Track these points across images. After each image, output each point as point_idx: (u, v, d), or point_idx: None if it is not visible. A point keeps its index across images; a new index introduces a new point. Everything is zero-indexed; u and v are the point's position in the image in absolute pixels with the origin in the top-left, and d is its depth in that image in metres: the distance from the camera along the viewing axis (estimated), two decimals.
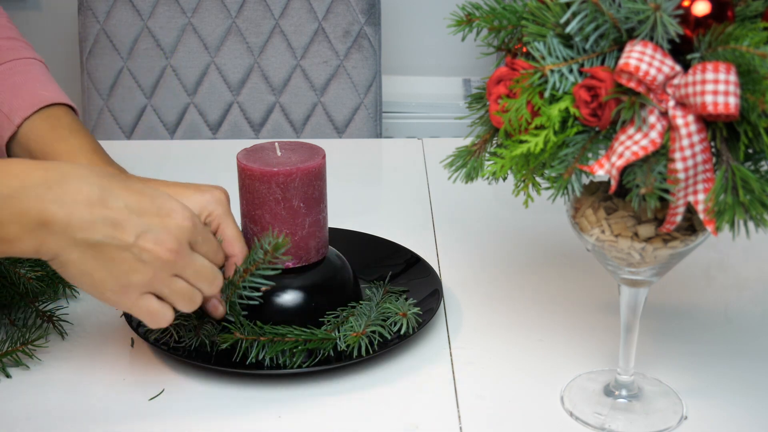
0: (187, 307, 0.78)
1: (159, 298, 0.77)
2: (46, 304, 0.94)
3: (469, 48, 2.10)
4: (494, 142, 0.73)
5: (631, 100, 0.64)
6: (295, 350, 0.84)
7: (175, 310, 0.79)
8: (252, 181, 0.89)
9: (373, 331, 0.86)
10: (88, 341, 0.91)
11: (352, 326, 0.87)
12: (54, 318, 0.92)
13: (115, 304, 0.75)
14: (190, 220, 0.76)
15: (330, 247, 0.95)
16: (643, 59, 0.63)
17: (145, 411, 0.81)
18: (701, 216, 0.65)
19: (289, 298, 0.90)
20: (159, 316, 0.77)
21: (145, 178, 0.94)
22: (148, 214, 0.74)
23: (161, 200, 0.75)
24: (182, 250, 0.75)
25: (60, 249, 0.71)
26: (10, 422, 0.80)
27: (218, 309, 0.84)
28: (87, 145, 0.99)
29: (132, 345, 0.90)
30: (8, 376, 0.85)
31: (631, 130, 0.65)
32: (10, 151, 1.01)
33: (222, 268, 0.84)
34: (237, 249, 0.86)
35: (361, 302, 0.92)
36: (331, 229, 0.99)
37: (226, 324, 0.87)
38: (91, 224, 0.71)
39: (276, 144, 0.93)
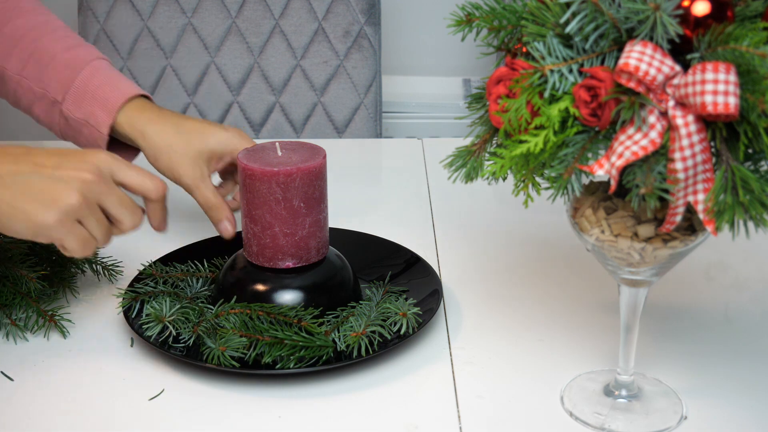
0: (105, 239, 0.84)
1: None
2: (46, 304, 0.94)
3: (469, 48, 2.09)
4: (494, 142, 0.73)
5: (630, 100, 0.64)
6: (292, 356, 0.84)
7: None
8: (253, 181, 0.89)
9: (373, 331, 0.86)
10: (88, 341, 0.91)
11: (352, 326, 0.87)
12: (56, 317, 0.92)
13: (50, 234, 0.80)
14: (107, 155, 0.84)
15: (330, 247, 0.95)
16: (643, 59, 0.63)
17: (145, 411, 0.81)
18: (701, 216, 0.65)
19: (289, 298, 0.90)
20: (89, 243, 0.82)
21: (174, 112, 1.07)
22: (66, 154, 0.82)
23: (79, 150, 0.84)
24: (103, 175, 0.82)
25: None
26: (11, 422, 0.80)
27: (228, 229, 1.02)
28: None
29: (132, 345, 0.90)
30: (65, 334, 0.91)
31: (630, 130, 0.65)
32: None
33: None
34: None
35: (361, 302, 0.92)
36: (331, 229, 1.00)
37: (225, 325, 0.87)
38: (16, 165, 0.80)
39: (277, 144, 0.93)
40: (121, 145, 1.10)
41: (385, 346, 0.86)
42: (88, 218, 0.81)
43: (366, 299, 0.94)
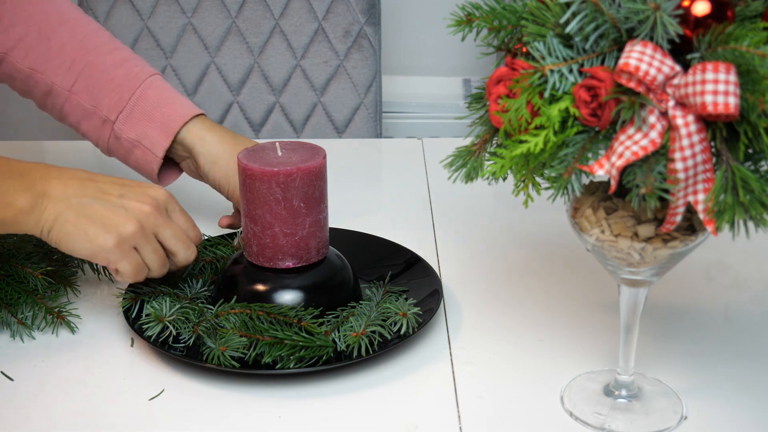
0: (161, 269, 0.90)
1: None
2: (51, 300, 0.94)
3: (469, 48, 2.09)
4: (494, 142, 0.73)
5: (630, 100, 0.64)
6: (292, 356, 0.84)
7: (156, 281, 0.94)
8: (253, 181, 0.89)
9: (373, 331, 0.86)
10: (88, 341, 0.91)
11: (352, 326, 0.87)
12: (63, 312, 0.92)
13: (107, 257, 0.86)
14: (166, 193, 0.90)
15: (330, 247, 0.95)
16: (643, 59, 0.63)
17: (145, 411, 0.81)
18: (701, 216, 0.65)
19: (290, 298, 0.90)
20: (141, 270, 0.88)
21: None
22: (129, 185, 0.89)
23: (141, 183, 0.90)
24: (160, 209, 0.89)
25: (58, 212, 0.85)
26: (11, 422, 0.80)
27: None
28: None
29: (132, 345, 0.90)
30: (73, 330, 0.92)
31: (631, 130, 0.65)
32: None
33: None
34: None
35: (361, 302, 0.92)
36: (331, 229, 1.00)
37: (225, 325, 0.87)
38: (82, 189, 0.87)
39: (277, 144, 0.93)
40: (163, 166, 1.11)
41: (385, 346, 0.86)
42: (144, 246, 0.87)
43: (366, 299, 0.94)
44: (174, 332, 0.87)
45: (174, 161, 1.11)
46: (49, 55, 1.08)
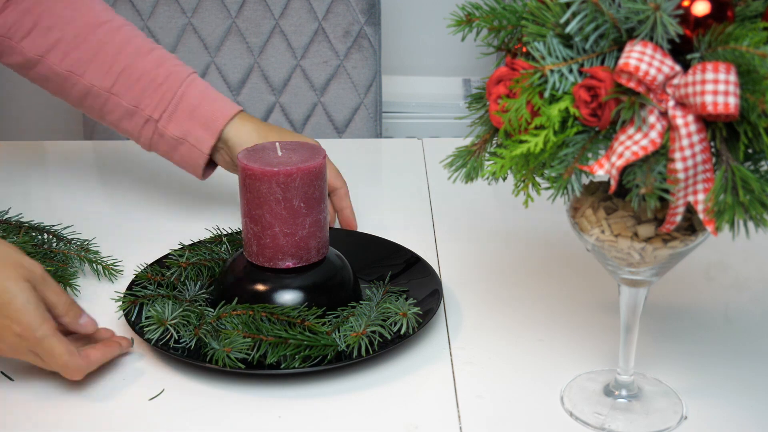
0: (70, 306, 0.86)
1: None
2: None
3: (469, 48, 2.09)
4: (494, 142, 0.73)
5: (630, 100, 0.64)
6: (297, 355, 0.84)
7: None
8: (253, 181, 0.89)
9: (373, 331, 0.86)
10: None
11: (352, 326, 0.87)
12: None
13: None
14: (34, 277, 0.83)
15: (330, 247, 0.95)
16: (643, 59, 0.63)
17: (145, 411, 0.81)
18: (701, 216, 0.65)
19: (290, 298, 0.90)
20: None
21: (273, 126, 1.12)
22: None
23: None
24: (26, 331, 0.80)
25: None
26: (11, 423, 0.80)
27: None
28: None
29: (132, 344, 0.90)
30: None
31: (630, 130, 0.65)
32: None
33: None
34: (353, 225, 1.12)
35: (361, 302, 0.92)
36: (331, 229, 1.00)
37: (227, 326, 0.87)
38: None
39: (277, 144, 0.93)
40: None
41: (386, 346, 0.86)
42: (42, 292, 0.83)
43: (366, 299, 0.94)
44: (176, 336, 0.87)
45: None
46: (87, 57, 1.11)
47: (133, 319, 0.91)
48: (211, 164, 1.14)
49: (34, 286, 0.82)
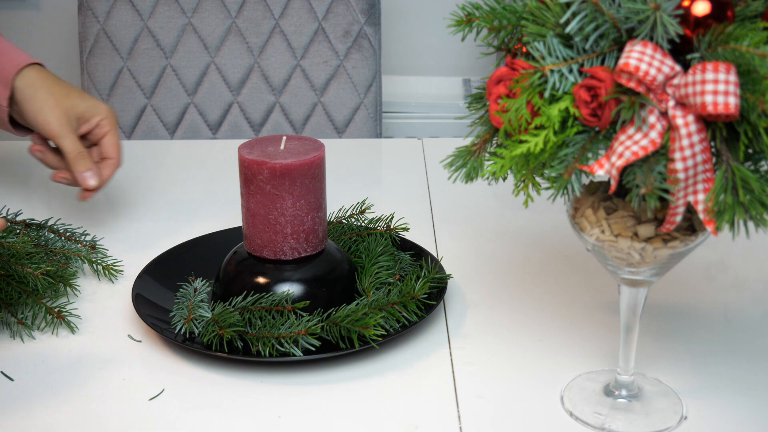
0: None
1: None
2: (51, 301, 0.94)
3: (469, 48, 2.09)
4: (494, 142, 0.73)
5: (631, 100, 0.64)
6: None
7: None
8: (252, 174, 0.89)
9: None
10: (88, 341, 0.91)
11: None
12: (63, 313, 0.92)
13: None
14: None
15: (329, 240, 0.96)
16: (643, 59, 0.63)
17: (145, 411, 0.81)
18: (701, 216, 0.65)
19: (290, 290, 0.90)
20: None
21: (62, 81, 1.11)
22: None
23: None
24: None
25: None
26: (11, 422, 0.80)
27: (90, 180, 1.05)
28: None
29: (132, 344, 0.90)
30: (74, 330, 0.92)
31: (631, 130, 0.65)
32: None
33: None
34: (115, 153, 1.08)
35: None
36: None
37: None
38: None
39: (284, 138, 0.94)
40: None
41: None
42: None
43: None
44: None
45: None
46: None
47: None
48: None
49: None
